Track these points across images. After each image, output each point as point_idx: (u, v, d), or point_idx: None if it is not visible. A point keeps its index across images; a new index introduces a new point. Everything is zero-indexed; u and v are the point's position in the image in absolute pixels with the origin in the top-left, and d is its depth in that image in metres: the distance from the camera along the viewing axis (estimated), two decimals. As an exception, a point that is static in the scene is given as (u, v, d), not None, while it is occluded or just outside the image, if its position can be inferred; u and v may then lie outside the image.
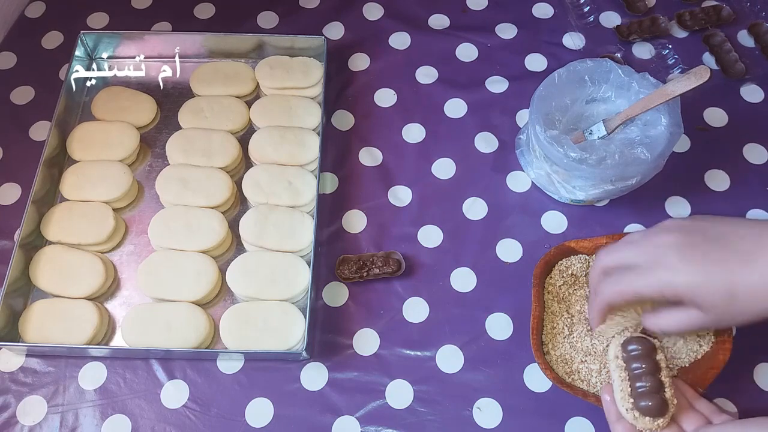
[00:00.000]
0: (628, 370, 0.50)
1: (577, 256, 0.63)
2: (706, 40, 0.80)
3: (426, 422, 0.60)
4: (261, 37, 0.77)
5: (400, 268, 0.65)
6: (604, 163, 0.62)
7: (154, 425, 0.60)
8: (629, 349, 0.51)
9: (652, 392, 0.48)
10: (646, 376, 0.49)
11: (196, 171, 0.69)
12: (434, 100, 0.77)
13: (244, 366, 0.62)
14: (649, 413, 0.48)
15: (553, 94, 0.66)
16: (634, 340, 0.51)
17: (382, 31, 0.82)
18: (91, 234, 0.66)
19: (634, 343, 0.51)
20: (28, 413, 0.60)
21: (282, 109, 0.73)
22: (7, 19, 0.82)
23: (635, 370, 0.50)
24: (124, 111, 0.73)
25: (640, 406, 0.48)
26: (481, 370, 0.62)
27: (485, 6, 0.84)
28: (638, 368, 0.50)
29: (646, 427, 0.48)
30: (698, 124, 0.75)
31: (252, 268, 0.64)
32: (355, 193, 0.71)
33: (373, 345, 0.63)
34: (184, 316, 0.62)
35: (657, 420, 0.48)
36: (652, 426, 0.48)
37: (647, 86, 0.65)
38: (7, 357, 0.62)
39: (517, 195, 0.71)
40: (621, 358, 0.51)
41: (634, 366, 0.50)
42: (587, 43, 0.81)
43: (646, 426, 0.48)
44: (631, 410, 0.48)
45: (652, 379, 0.49)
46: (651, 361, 0.50)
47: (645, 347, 0.50)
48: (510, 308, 0.65)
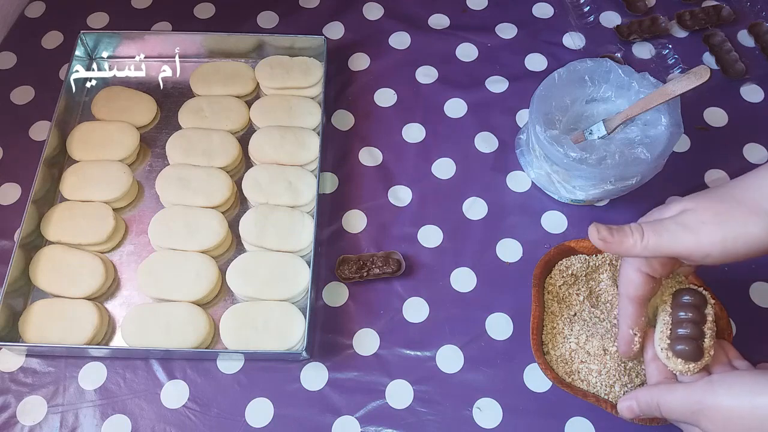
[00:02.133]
0: (674, 315, 0.51)
1: (577, 256, 0.63)
2: (706, 40, 0.80)
3: (426, 422, 0.60)
4: (261, 37, 0.77)
5: (400, 268, 0.65)
6: (604, 163, 0.62)
7: (154, 425, 0.60)
8: (681, 297, 0.51)
9: (690, 338, 0.49)
10: (688, 323, 0.49)
11: (196, 171, 0.69)
12: (434, 100, 0.77)
13: (244, 366, 0.62)
14: (682, 356, 0.48)
15: (553, 94, 0.66)
16: (687, 291, 0.51)
17: (382, 31, 0.82)
18: (91, 234, 0.66)
19: (688, 293, 0.51)
20: (28, 413, 0.60)
21: (282, 109, 0.73)
22: (7, 19, 0.82)
23: (680, 316, 0.50)
24: (124, 111, 0.73)
25: (675, 349, 0.49)
26: (481, 370, 0.62)
27: (485, 6, 0.84)
28: (683, 315, 0.50)
29: (677, 368, 0.49)
30: (698, 124, 0.75)
31: (252, 268, 0.64)
32: (355, 193, 0.71)
33: (373, 345, 0.63)
34: (184, 316, 0.62)
35: (689, 364, 0.48)
36: (683, 368, 0.48)
37: (647, 86, 0.65)
38: (7, 357, 0.62)
39: (517, 195, 0.71)
40: (669, 304, 0.52)
41: (680, 313, 0.50)
42: (587, 43, 0.81)
43: (676, 367, 0.49)
44: (666, 350, 0.49)
45: (694, 327, 0.49)
46: (698, 312, 0.50)
47: (696, 298, 0.51)
48: (510, 308, 0.65)
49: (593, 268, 0.62)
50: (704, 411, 0.42)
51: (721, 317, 0.58)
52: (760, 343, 0.62)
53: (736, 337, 0.59)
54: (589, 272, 0.62)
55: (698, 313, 0.50)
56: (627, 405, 0.49)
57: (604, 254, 0.63)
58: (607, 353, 0.57)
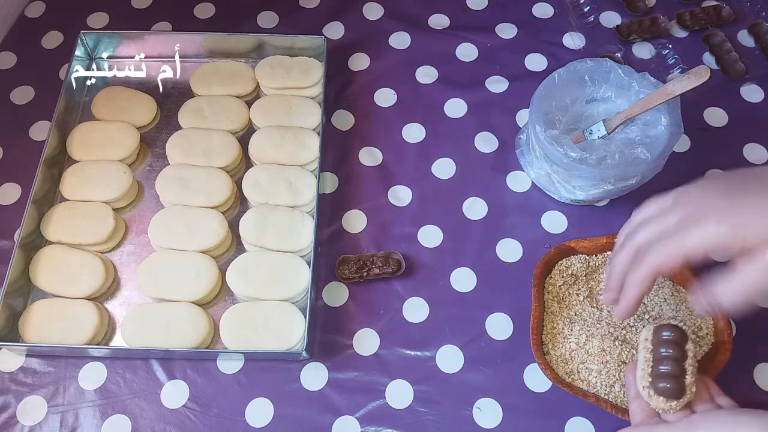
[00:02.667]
0: (654, 353, 0.51)
1: (577, 256, 0.63)
2: (706, 40, 0.80)
3: (426, 422, 0.60)
4: (261, 37, 0.77)
5: (400, 268, 0.65)
6: (604, 163, 0.62)
7: (154, 425, 0.60)
8: (661, 334, 0.51)
9: (672, 376, 0.49)
10: (669, 361, 0.49)
11: (196, 171, 0.69)
12: (434, 100, 0.77)
13: (244, 366, 0.62)
14: (664, 394, 0.48)
15: (553, 94, 0.66)
16: (667, 327, 0.51)
17: (382, 31, 0.82)
18: (91, 234, 0.66)
19: (668, 329, 0.51)
20: (28, 413, 0.60)
21: (282, 109, 0.73)
22: (7, 19, 0.82)
23: (661, 353, 0.50)
24: (124, 111, 0.73)
25: (657, 387, 0.49)
26: (481, 370, 0.62)
27: (485, 6, 0.84)
28: (665, 352, 0.50)
29: (659, 406, 0.49)
30: (698, 124, 0.75)
31: (252, 268, 0.64)
32: (355, 193, 0.71)
33: (373, 345, 0.63)
34: (184, 316, 0.62)
35: (670, 402, 0.48)
36: (666, 406, 0.49)
37: (647, 86, 0.65)
38: (7, 357, 0.62)
39: (517, 195, 0.71)
40: (650, 341, 0.52)
41: (662, 350, 0.50)
42: (587, 43, 0.81)
43: (658, 405, 0.49)
44: (647, 388, 0.49)
45: (676, 364, 0.49)
46: (679, 348, 0.50)
47: (676, 334, 0.51)
48: (510, 308, 0.65)
49: (593, 268, 0.63)
50: None
51: (721, 317, 0.58)
52: (760, 343, 0.62)
53: (736, 337, 0.59)
54: (589, 272, 0.62)
55: (679, 349, 0.50)
56: None
57: (604, 254, 0.63)
58: (607, 353, 0.57)
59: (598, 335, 0.58)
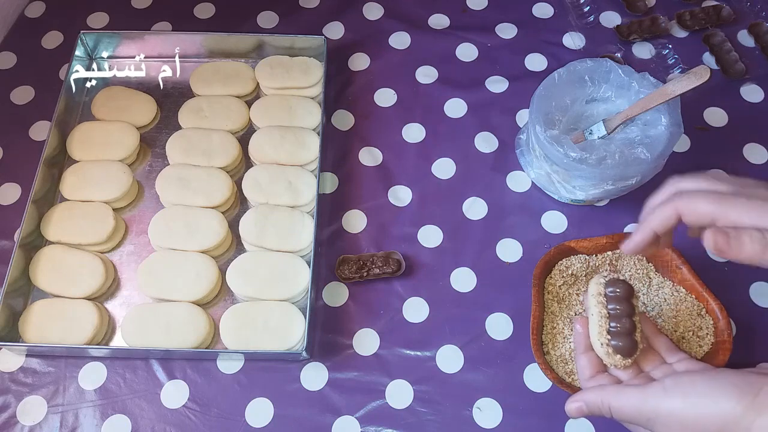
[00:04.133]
0: (608, 309, 0.51)
1: (577, 256, 0.63)
2: (706, 40, 0.80)
3: (426, 422, 0.60)
4: (261, 37, 0.77)
5: (400, 268, 0.65)
6: (604, 163, 0.62)
7: (154, 425, 0.60)
8: (610, 289, 0.52)
9: (626, 333, 0.50)
10: (623, 318, 0.50)
11: (196, 171, 0.69)
12: (434, 100, 0.77)
13: (244, 366, 0.62)
14: (621, 352, 0.49)
15: (553, 94, 0.66)
16: (616, 282, 0.52)
17: (382, 31, 0.82)
18: (91, 234, 0.66)
19: (616, 285, 0.52)
20: (28, 413, 0.60)
21: (282, 109, 0.73)
22: (7, 19, 0.82)
23: (613, 310, 0.51)
24: (124, 111, 0.73)
25: (615, 346, 0.49)
26: (481, 370, 0.62)
27: (485, 6, 0.84)
28: (616, 309, 0.51)
29: (616, 363, 0.50)
30: (698, 124, 0.75)
31: (252, 268, 0.64)
32: (355, 193, 0.71)
33: (373, 345, 0.63)
34: (184, 316, 0.62)
35: (626, 359, 0.49)
36: (621, 363, 0.50)
37: (647, 86, 0.65)
38: (7, 357, 0.62)
39: (517, 195, 0.71)
40: (603, 295, 0.52)
41: (612, 306, 0.51)
42: (587, 43, 0.81)
43: (616, 363, 0.50)
44: (606, 345, 0.50)
45: (628, 321, 0.50)
46: (629, 304, 0.51)
47: (625, 290, 0.51)
48: (510, 308, 0.65)
49: (593, 268, 0.63)
50: (659, 418, 0.42)
51: (721, 317, 0.58)
52: (760, 343, 0.62)
53: (736, 337, 0.59)
54: (589, 272, 0.62)
55: (628, 304, 0.51)
56: (576, 406, 0.48)
57: (604, 254, 0.63)
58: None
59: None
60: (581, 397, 0.48)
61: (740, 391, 0.39)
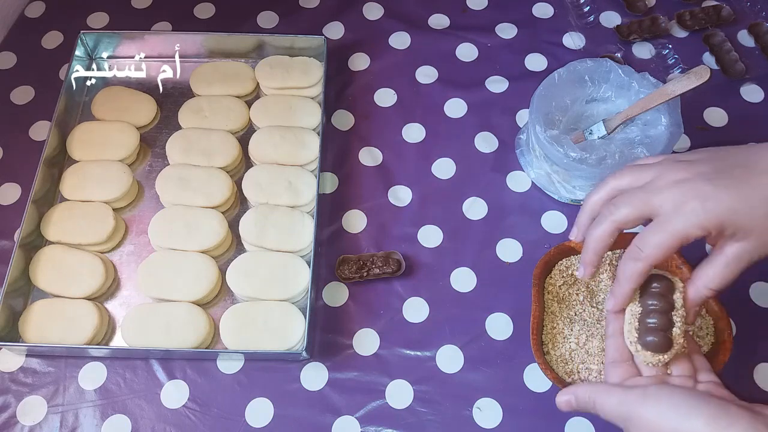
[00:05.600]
0: (643, 306, 0.50)
1: (577, 256, 0.63)
2: (706, 40, 0.80)
3: (426, 422, 0.60)
4: (261, 37, 0.77)
5: (400, 268, 0.65)
6: (604, 163, 0.62)
7: (154, 425, 0.60)
8: (648, 285, 0.50)
9: (659, 329, 0.48)
10: (657, 314, 0.49)
11: (196, 171, 0.69)
12: (434, 100, 0.77)
13: (244, 366, 0.62)
14: (651, 348, 0.48)
15: (553, 94, 0.66)
16: (654, 278, 0.51)
17: (382, 31, 0.82)
18: (91, 234, 0.66)
19: (654, 280, 0.50)
20: (28, 413, 0.60)
21: (282, 109, 0.73)
22: (7, 19, 0.82)
23: (649, 306, 0.49)
24: (124, 111, 0.73)
25: (643, 341, 0.48)
26: (481, 370, 0.62)
27: (485, 6, 0.84)
28: (652, 305, 0.49)
29: (647, 360, 0.48)
30: (698, 124, 0.75)
31: (252, 268, 0.64)
32: (355, 193, 0.71)
33: (373, 345, 0.63)
34: (184, 316, 0.62)
35: (657, 356, 0.48)
36: (652, 360, 0.48)
37: (647, 86, 0.65)
38: (7, 357, 0.62)
39: (517, 195, 0.71)
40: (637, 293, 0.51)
41: (650, 302, 0.50)
42: (587, 43, 0.81)
43: (646, 359, 0.48)
44: (635, 343, 0.49)
45: (663, 317, 0.48)
46: (666, 300, 0.49)
47: (664, 285, 0.50)
48: (510, 308, 0.65)
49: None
50: (633, 420, 0.43)
51: (721, 317, 0.58)
52: (760, 343, 0.62)
53: (736, 337, 0.59)
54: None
55: (666, 301, 0.49)
56: (565, 399, 0.48)
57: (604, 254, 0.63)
58: (607, 353, 0.57)
59: (598, 335, 0.58)
60: (573, 390, 0.48)
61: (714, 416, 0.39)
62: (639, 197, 0.47)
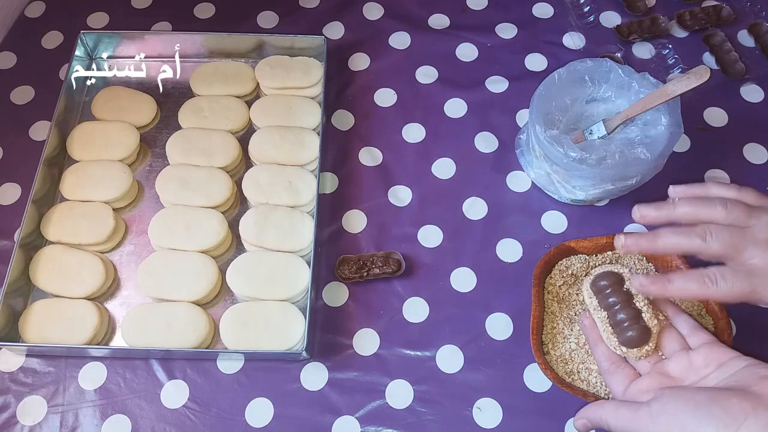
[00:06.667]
0: (605, 308, 0.50)
1: (577, 256, 0.63)
2: (706, 40, 0.80)
3: (426, 422, 0.60)
4: (261, 37, 0.77)
5: (400, 268, 0.65)
6: (604, 163, 0.62)
7: (154, 425, 0.60)
8: (598, 286, 0.51)
9: (632, 323, 0.48)
10: (621, 310, 0.49)
11: (196, 171, 0.69)
12: (434, 100, 0.77)
13: (244, 366, 0.62)
14: (633, 344, 0.48)
15: (553, 94, 0.66)
16: (599, 277, 0.51)
17: (382, 31, 0.82)
18: (91, 234, 0.66)
19: (601, 279, 0.51)
20: (28, 413, 0.60)
21: (282, 109, 0.73)
22: (7, 19, 0.82)
23: (611, 305, 0.50)
24: (124, 111, 0.73)
25: (623, 340, 0.48)
26: (481, 370, 0.62)
27: (485, 6, 0.84)
28: (613, 302, 0.50)
29: (636, 356, 0.49)
30: (698, 124, 0.75)
31: (252, 268, 0.64)
32: (355, 193, 0.71)
33: (373, 345, 0.63)
34: (184, 316, 0.62)
35: (643, 348, 0.48)
36: (640, 354, 0.49)
37: (647, 86, 0.65)
38: (7, 357, 0.62)
39: (517, 195, 0.71)
40: (594, 298, 0.51)
41: (609, 301, 0.50)
42: (587, 43, 0.81)
43: (635, 356, 0.49)
44: (618, 346, 0.49)
45: (628, 309, 0.49)
46: (621, 292, 0.50)
47: (611, 280, 0.50)
48: (510, 308, 0.65)
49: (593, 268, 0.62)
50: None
51: (721, 317, 0.58)
52: (760, 343, 0.62)
53: (736, 337, 0.59)
54: (589, 272, 0.62)
55: (621, 292, 0.50)
56: (582, 423, 0.49)
57: (604, 254, 0.63)
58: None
59: None
60: (584, 414, 0.49)
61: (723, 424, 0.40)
62: (735, 243, 0.47)
